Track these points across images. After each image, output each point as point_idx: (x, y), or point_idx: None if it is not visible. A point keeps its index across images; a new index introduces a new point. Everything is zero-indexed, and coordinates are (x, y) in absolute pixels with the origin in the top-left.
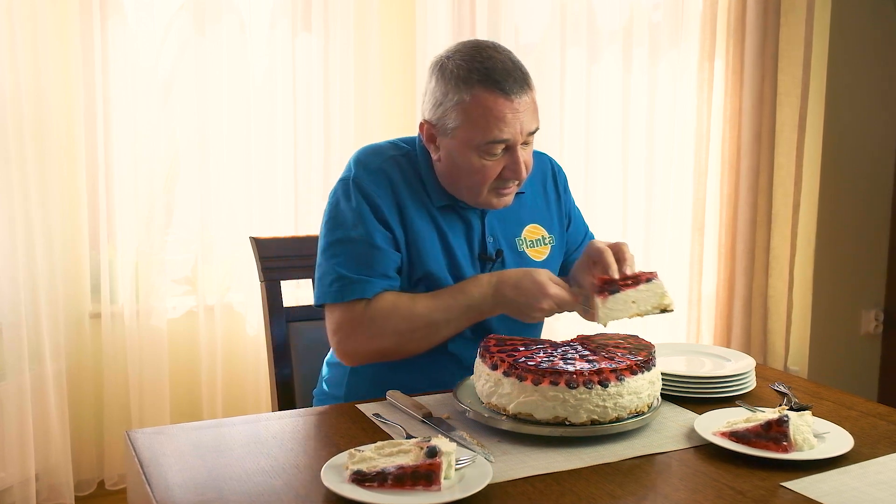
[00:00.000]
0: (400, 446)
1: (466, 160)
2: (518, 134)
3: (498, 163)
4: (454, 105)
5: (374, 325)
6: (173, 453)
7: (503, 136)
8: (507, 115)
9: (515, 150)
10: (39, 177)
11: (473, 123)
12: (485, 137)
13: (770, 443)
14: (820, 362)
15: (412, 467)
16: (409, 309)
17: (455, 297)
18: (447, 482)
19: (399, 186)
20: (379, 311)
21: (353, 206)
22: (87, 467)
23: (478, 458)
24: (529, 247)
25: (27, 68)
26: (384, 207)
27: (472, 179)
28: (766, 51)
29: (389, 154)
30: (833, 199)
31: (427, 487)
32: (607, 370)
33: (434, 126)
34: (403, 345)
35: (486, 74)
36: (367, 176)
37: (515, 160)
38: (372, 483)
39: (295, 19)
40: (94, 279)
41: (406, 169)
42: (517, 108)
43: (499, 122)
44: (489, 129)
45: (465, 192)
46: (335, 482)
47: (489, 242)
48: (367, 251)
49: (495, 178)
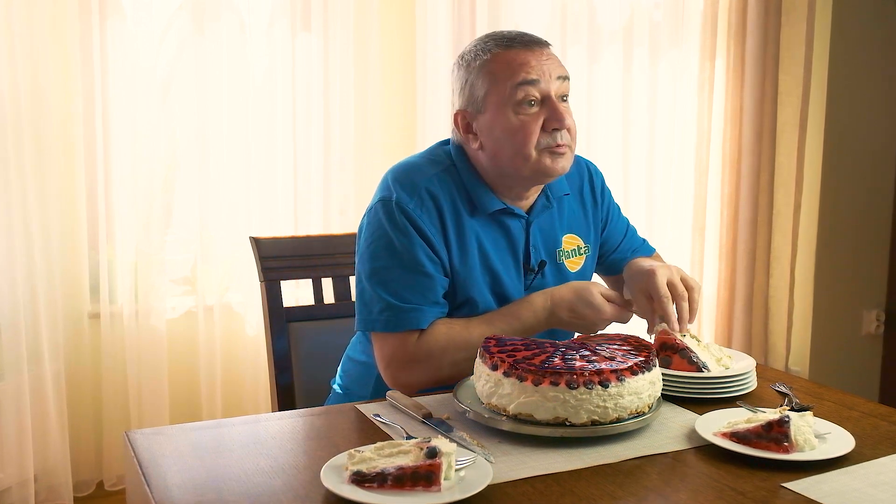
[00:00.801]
0: (400, 447)
1: (505, 124)
2: (547, 77)
3: (537, 116)
4: (478, 73)
5: (432, 358)
6: (172, 454)
7: (531, 77)
8: (530, 60)
9: (551, 99)
10: (38, 176)
11: (498, 78)
12: (513, 84)
13: (771, 443)
14: (821, 363)
15: (412, 468)
16: (465, 339)
17: (510, 323)
18: (447, 483)
19: (442, 205)
20: (435, 343)
21: (399, 229)
22: (86, 468)
23: (478, 459)
24: (567, 258)
25: (25, 68)
26: (430, 231)
27: (516, 142)
28: (767, 50)
29: (431, 172)
30: (834, 198)
31: (427, 488)
32: (608, 370)
33: (466, 111)
34: (461, 373)
35: (499, 38)
36: (410, 199)
37: (553, 107)
38: (372, 484)
39: (294, 19)
40: (92, 279)
41: (447, 185)
42: (539, 56)
43: (523, 66)
44: (515, 75)
45: (513, 164)
46: (335, 483)
47: (532, 253)
48: (417, 279)
49: (541, 135)
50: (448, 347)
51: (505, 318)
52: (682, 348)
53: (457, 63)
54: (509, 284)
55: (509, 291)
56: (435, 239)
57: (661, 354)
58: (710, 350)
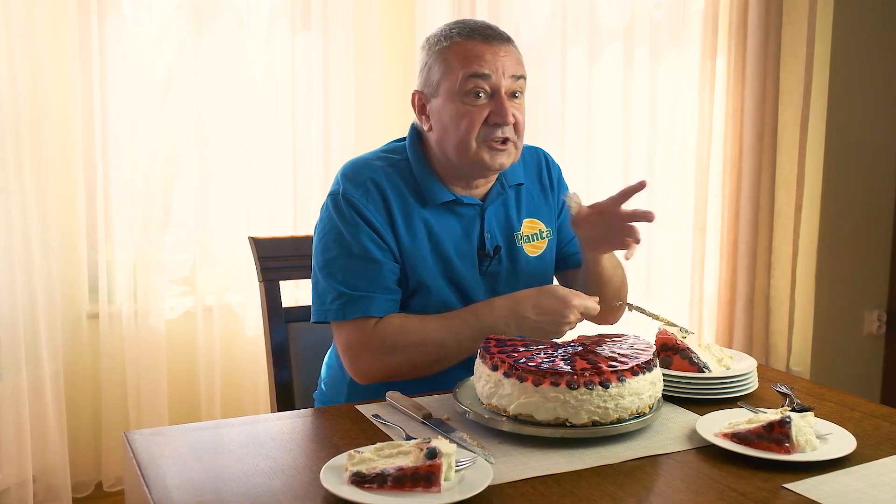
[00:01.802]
0: (399, 447)
1: (451, 111)
2: (499, 73)
3: (483, 108)
4: (435, 60)
5: (385, 347)
6: (171, 454)
7: (482, 70)
8: (485, 54)
9: (500, 94)
10: (36, 176)
11: (452, 67)
12: (464, 74)
13: (772, 444)
14: (822, 363)
15: (412, 469)
16: (420, 333)
17: (467, 322)
18: (447, 484)
19: (389, 196)
20: (389, 333)
21: (346, 220)
22: (85, 469)
23: (478, 460)
24: (526, 242)
25: (24, 67)
26: (377, 220)
27: (459, 129)
28: (768, 49)
29: (376, 165)
30: (836, 198)
31: (427, 489)
32: (608, 371)
33: (423, 93)
34: (415, 367)
35: (464, 26)
36: (355, 189)
37: (500, 103)
38: (371, 484)
39: (294, 18)
40: (91, 279)
41: (395, 178)
42: (496, 52)
43: (477, 59)
44: (467, 65)
45: (455, 151)
46: (334, 483)
47: (487, 239)
48: (367, 266)
49: (483, 127)
50: (400, 338)
51: (462, 317)
52: (682, 349)
53: (422, 44)
54: (463, 271)
55: (463, 278)
56: (381, 227)
57: (662, 355)
58: (711, 350)
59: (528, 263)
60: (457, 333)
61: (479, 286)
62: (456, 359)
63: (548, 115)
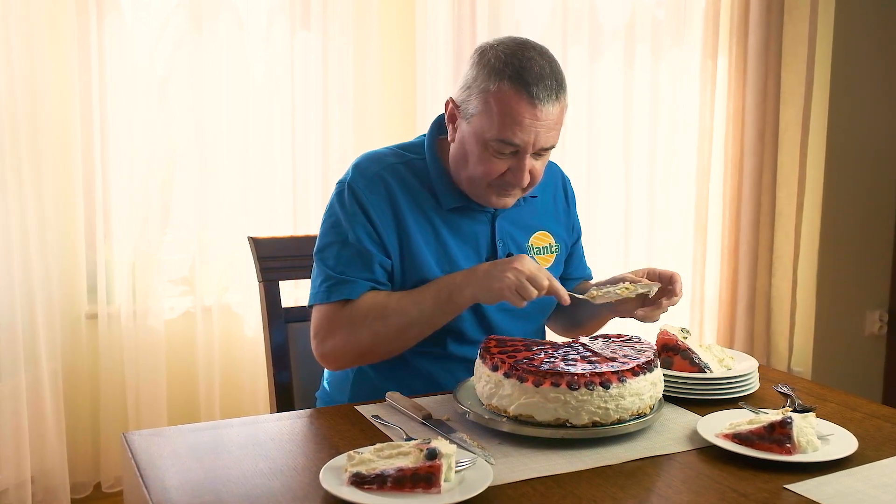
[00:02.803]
0: (399, 448)
1: (475, 150)
2: (530, 144)
3: (503, 163)
4: (479, 92)
5: (353, 324)
6: (170, 455)
7: (514, 140)
8: (525, 119)
9: (524, 157)
10: (35, 176)
11: (490, 116)
12: (496, 134)
13: (773, 445)
14: (824, 363)
15: (412, 470)
16: (384, 305)
17: (427, 287)
18: (447, 485)
19: (396, 194)
20: (358, 310)
21: (346, 209)
22: (84, 469)
23: (478, 461)
24: (538, 253)
25: (22, 66)
26: (377, 213)
27: (475, 171)
28: (769, 48)
29: (389, 161)
30: (837, 198)
31: (427, 490)
32: (609, 371)
33: (458, 107)
34: (378, 343)
35: (518, 71)
36: (362, 181)
37: (521, 167)
38: (371, 485)
39: (293, 17)
40: (90, 279)
41: (407, 176)
42: (538, 116)
43: (514, 125)
44: (503, 127)
45: (466, 181)
46: (334, 484)
47: (499, 246)
48: (356, 254)
49: (497, 177)
50: (368, 314)
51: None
52: (683, 349)
53: (475, 55)
54: None
55: None
56: (381, 220)
57: (663, 355)
58: (712, 351)
59: None
60: (418, 301)
61: None
62: (418, 328)
63: None
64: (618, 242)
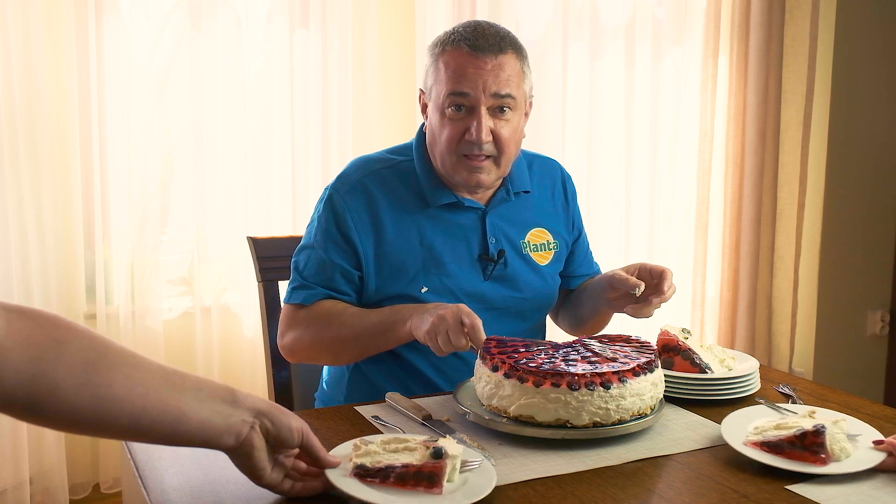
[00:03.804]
0: (406, 443)
1: (436, 120)
2: (479, 90)
3: (460, 123)
4: (430, 65)
5: (303, 326)
6: (169, 456)
7: (461, 89)
8: (468, 69)
9: (478, 111)
10: (33, 176)
11: (439, 79)
12: (446, 91)
13: (806, 454)
14: (825, 364)
15: (416, 467)
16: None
17: (382, 309)
18: (450, 486)
19: (377, 200)
20: (309, 314)
21: (322, 218)
22: (82, 471)
23: (484, 463)
24: (534, 251)
25: (20, 65)
26: (354, 220)
27: (440, 142)
28: (770, 47)
29: (374, 168)
30: (838, 197)
31: (428, 489)
32: (609, 372)
33: (423, 93)
34: (323, 348)
35: (459, 34)
36: (344, 188)
37: (477, 122)
38: (374, 479)
39: (292, 16)
40: (88, 279)
41: (392, 181)
42: (480, 66)
43: (460, 77)
44: (450, 82)
45: (439, 159)
46: (336, 475)
47: (491, 243)
48: (321, 263)
49: (461, 142)
50: (318, 320)
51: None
52: (684, 349)
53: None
54: (460, 276)
55: (461, 283)
56: (356, 228)
57: (664, 356)
58: (713, 351)
59: (536, 271)
60: (364, 320)
61: (484, 291)
62: (360, 344)
63: (549, 113)
64: (618, 242)
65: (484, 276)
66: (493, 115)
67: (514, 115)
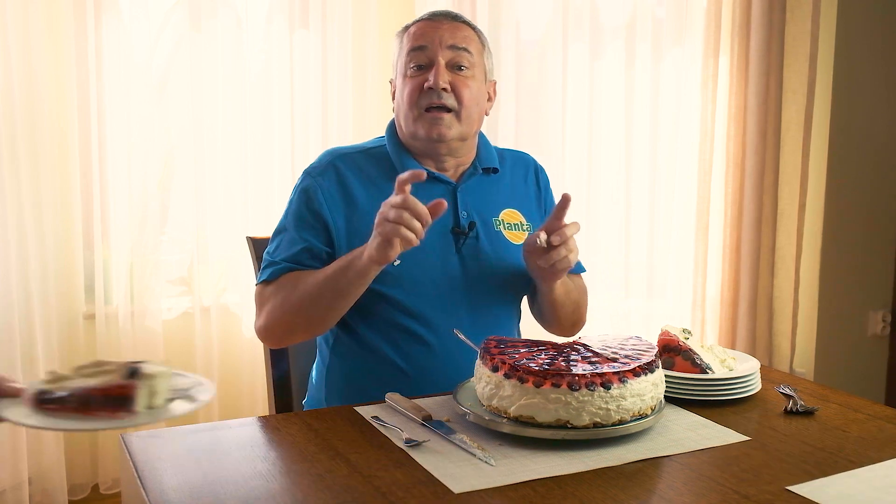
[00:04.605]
0: (104, 367)
1: (399, 86)
2: (435, 43)
3: (420, 78)
4: (395, 45)
5: (272, 299)
6: (169, 457)
7: (419, 43)
8: (426, 30)
9: (436, 62)
10: (32, 175)
11: (402, 47)
12: (408, 48)
13: None
14: (826, 364)
15: (101, 389)
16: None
17: (338, 259)
18: (146, 412)
19: (348, 177)
20: (276, 286)
21: (292, 201)
22: (81, 471)
23: (203, 387)
24: (507, 229)
25: (19, 65)
26: (323, 200)
27: (404, 101)
28: (771, 47)
29: (345, 151)
30: (840, 197)
31: (114, 414)
32: (610, 372)
33: (392, 79)
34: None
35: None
36: (314, 172)
37: (434, 70)
38: (52, 405)
39: (292, 15)
40: (87, 279)
41: (363, 162)
42: (437, 26)
43: (418, 38)
44: (410, 42)
45: (404, 121)
46: (6, 403)
47: (462, 217)
48: (290, 242)
49: (421, 95)
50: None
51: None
52: (685, 350)
53: None
54: (432, 248)
55: (433, 255)
56: (327, 206)
57: (664, 356)
58: (713, 352)
59: (508, 248)
60: (324, 270)
61: (456, 265)
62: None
63: (549, 113)
64: (619, 242)
65: (456, 249)
66: (451, 71)
67: (473, 77)
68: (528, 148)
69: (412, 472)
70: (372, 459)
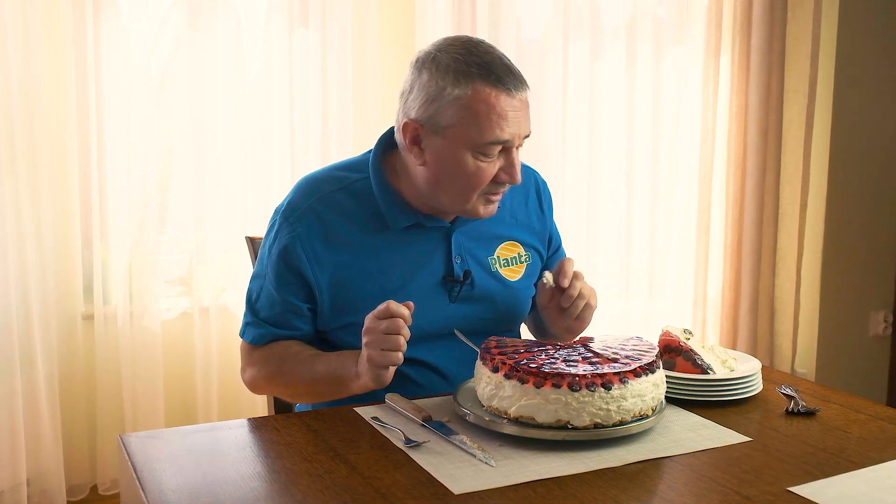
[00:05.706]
0: None
1: (459, 161)
2: (518, 136)
3: (493, 164)
4: (452, 100)
5: (257, 366)
6: (168, 457)
7: (504, 137)
8: (509, 112)
9: (512, 152)
10: (31, 175)
11: (474, 121)
12: (485, 137)
13: None
14: (828, 364)
15: None
16: (284, 360)
17: (328, 361)
18: None
19: (331, 225)
20: (261, 355)
21: (271, 248)
22: (80, 472)
23: None
24: (504, 266)
25: (18, 64)
26: (303, 255)
27: (464, 183)
28: (772, 46)
29: (325, 190)
30: (841, 197)
31: None
32: (610, 373)
33: (423, 126)
34: (277, 391)
35: (487, 69)
36: (292, 216)
37: (512, 162)
38: None
39: (292, 15)
40: (86, 280)
41: (345, 203)
42: (518, 108)
43: (501, 121)
44: (491, 127)
45: (450, 198)
46: None
47: (456, 263)
48: (271, 300)
49: (489, 183)
50: (269, 364)
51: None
52: (686, 350)
53: (426, 65)
54: (423, 302)
55: (424, 309)
56: (304, 262)
57: (665, 356)
58: (714, 352)
59: (506, 288)
60: (312, 367)
61: (451, 316)
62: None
63: (549, 113)
64: (619, 242)
65: (450, 299)
66: None
67: None
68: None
69: (412, 472)
70: (371, 460)
